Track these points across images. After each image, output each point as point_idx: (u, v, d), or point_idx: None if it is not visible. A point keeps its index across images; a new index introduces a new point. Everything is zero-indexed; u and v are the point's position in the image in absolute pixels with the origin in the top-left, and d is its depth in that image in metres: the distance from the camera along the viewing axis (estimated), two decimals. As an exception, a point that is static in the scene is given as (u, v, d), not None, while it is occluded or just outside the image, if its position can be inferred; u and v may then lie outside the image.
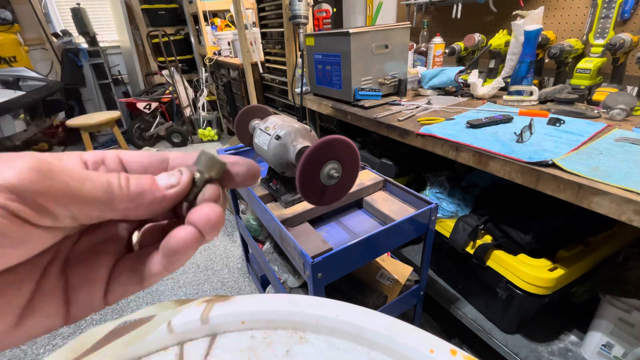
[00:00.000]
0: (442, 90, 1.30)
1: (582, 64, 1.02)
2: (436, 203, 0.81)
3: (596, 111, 0.91)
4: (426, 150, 0.93)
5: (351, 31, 1.11)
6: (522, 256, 0.87)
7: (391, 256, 1.13)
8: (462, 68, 1.23)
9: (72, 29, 3.42)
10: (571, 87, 1.06)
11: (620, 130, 0.81)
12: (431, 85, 1.28)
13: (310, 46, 1.35)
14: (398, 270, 1.03)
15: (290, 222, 0.82)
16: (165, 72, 3.44)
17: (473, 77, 1.17)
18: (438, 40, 1.40)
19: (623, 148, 0.71)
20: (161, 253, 0.19)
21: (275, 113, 0.93)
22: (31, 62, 3.19)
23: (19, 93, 2.43)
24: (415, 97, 1.29)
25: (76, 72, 3.42)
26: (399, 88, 1.28)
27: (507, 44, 1.19)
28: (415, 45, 1.55)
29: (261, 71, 2.19)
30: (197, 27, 3.60)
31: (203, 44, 3.44)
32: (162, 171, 0.21)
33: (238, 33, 2.13)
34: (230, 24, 3.17)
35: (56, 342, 1.37)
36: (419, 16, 1.61)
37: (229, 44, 2.86)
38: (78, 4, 3.30)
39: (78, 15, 3.29)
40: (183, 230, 0.19)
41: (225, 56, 2.95)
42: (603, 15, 0.99)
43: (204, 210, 0.19)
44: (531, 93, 1.06)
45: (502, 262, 0.89)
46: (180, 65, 3.52)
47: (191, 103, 3.62)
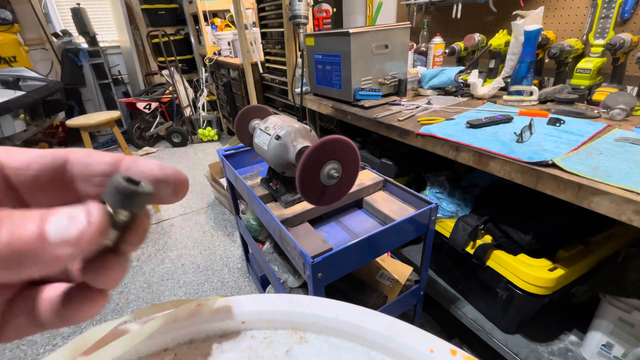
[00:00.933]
0: (442, 90, 1.30)
1: (582, 64, 1.02)
2: (436, 203, 0.81)
3: (596, 111, 0.91)
4: (426, 150, 0.93)
5: (351, 31, 1.11)
6: (522, 256, 0.87)
7: (391, 256, 1.13)
8: (462, 68, 1.23)
9: (72, 29, 3.43)
10: (571, 87, 1.06)
11: (620, 130, 0.81)
12: (431, 85, 1.28)
13: (310, 46, 1.35)
14: (398, 270, 1.03)
15: (290, 222, 0.82)
16: (165, 72, 3.45)
17: (473, 77, 1.17)
18: (438, 40, 1.40)
19: (623, 148, 0.71)
20: (55, 312, 0.16)
21: (275, 113, 0.93)
22: (31, 62, 3.19)
23: (19, 93, 2.43)
24: (415, 97, 1.29)
25: (76, 72, 3.42)
26: (399, 88, 1.28)
27: (507, 44, 1.19)
28: (415, 45, 1.55)
29: (261, 71, 2.19)
30: (197, 27, 3.60)
31: (203, 44, 3.44)
32: (59, 183, 0.16)
33: (238, 33, 2.13)
34: (230, 24, 3.17)
35: (56, 342, 1.37)
36: (419, 16, 1.61)
37: (229, 44, 2.86)
38: (78, 4, 3.30)
39: (78, 15, 3.29)
40: (85, 296, 0.16)
41: (225, 56, 2.95)
42: (603, 15, 0.99)
43: (113, 275, 0.15)
44: (531, 93, 1.06)
45: (502, 262, 0.89)
46: (180, 65, 3.52)
47: (191, 103, 3.62)
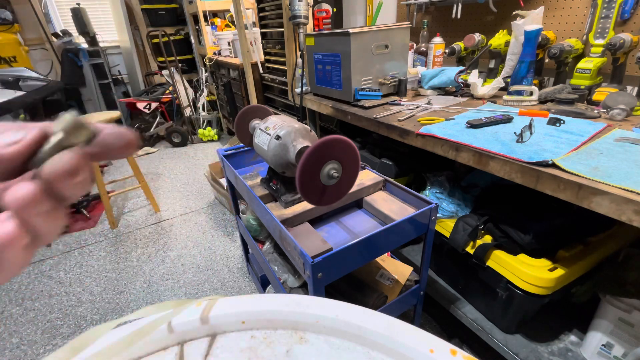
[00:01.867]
0: (442, 90, 1.30)
1: (582, 64, 1.02)
2: (436, 203, 0.81)
3: (596, 111, 0.91)
4: (426, 150, 0.93)
5: (351, 31, 1.11)
6: (522, 256, 0.87)
7: (391, 256, 1.13)
8: (462, 68, 1.23)
9: (72, 29, 3.43)
10: (571, 87, 1.06)
11: (620, 130, 0.81)
12: (431, 85, 1.28)
13: (310, 46, 1.35)
14: (398, 270, 1.03)
15: (290, 222, 0.82)
16: (165, 72, 3.45)
17: (473, 77, 1.17)
18: (438, 40, 1.40)
19: (623, 148, 0.71)
20: None
21: (275, 113, 0.93)
22: (31, 62, 3.18)
23: (19, 93, 2.43)
24: (415, 97, 1.29)
25: (76, 72, 3.42)
26: (399, 88, 1.28)
27: (507, 44, 1.19)
28: (415, 45, 1.55)
29: (261, 71, 2.19)
30: (197, 27, 3.60)
31: (203, 44, 3.44)
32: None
33: (238, 33, 2.13)
34: (230, 24, 3.17)
35: (56, 342, 1.37)
36: (419, 16, 1.61)
37: (229, 44, 2.86)
38: (78, 4, 3.30)
39: (78, 15, 3.29)
40: None
41: (225, 56, 2.95)
42: (603, 15, 0.99)
43: (19, 190, 0.15)
44: (531, 93, 1.06)
45: (502, 262, 0.89)
46: (180, 65, 3.52)
47: (191, 103, 3.62)
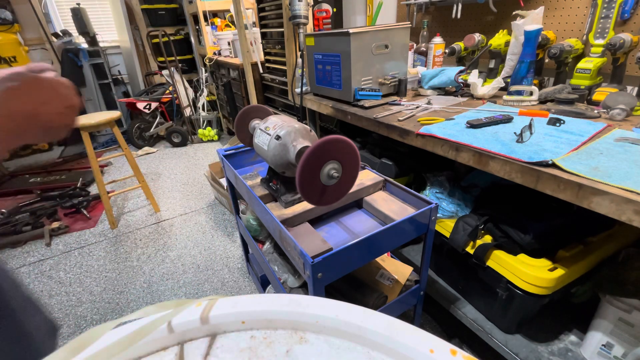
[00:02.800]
0: (442, 90, 1.30)
1: (582, 64, 1.02)
2: (436, 203, 0.81)
3: (596, 111, 0.91)
4: (426, 150, 0.93)
5: (351, 31, 1.11)
6: (522, 256, 0.87)
7: (391, 256, 1.13)
8: (462, 68, 1.23)
9: (72, 29, 3.43)
10: (571, 87, 1.06)
11: (620, 130, 0.81)
12: (431, 85, 1.28)
13: (310, 46, 1.35)
14: (398, 270, 1.03)
15: (290, 222, 0.82)
16: (165, 72, 3.44)
17: (473, 77, 1.17)
18: (438, 40, 1.40)
19: (623, 148, 0.71)
20: None
21: (275, 113, 0.93)
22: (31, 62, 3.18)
23: (19, 93, 2.43)
24: (415, 97, 1.29)
25: (76, 72, 3.42)
26: (399, 88, 1.28)
27: (507, 44, 1.19)
28: (415, 45, 1.55)
29: (261, 71, 2.20)
30: (197, 27, 3.60)
31: (203, 44, 3.44)
32: None
33: (238, 33, 2.13)
34: (230, 24, 3.17)
35: (56, 342, 1.37)
36: (419, 16, 1.61)
37: (229, 44, 2.86)
38: (78, 4, 3.30)
39: (78, 15, 3.29)
40: None
41: (225, 56, 2.95)
42: (603, 15, 0.99)
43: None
44: (531, 93, 1.06)
45: (502, 262, 0.89)
46: (180, 65, 3.52)
47: (191, 103, 3.62)
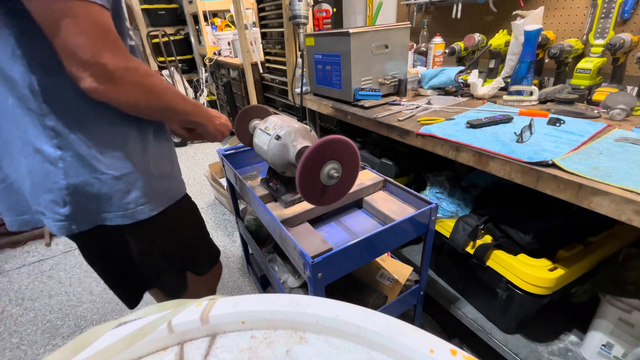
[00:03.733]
0: (442, 90, 1.30)
1: (582, 64, 1.02)
2: (436, 203, 0.81)
3: (596, 111, 0.91)
4: (426, 150, 0.93)
5: (351, 31, 1.11)
6: (522, 256, 0.87)
7: (391, 256, 1.13)
8: (462, 68, 1.23)
9: (72, 29, 3.42)
10: (571, 87, 1.06)
11: (620, 130, 0.81)
12: (431, 85, 1.28)
13: (310, 46, 1.35)
14: (398, 270, 1.03)
15: (290, 222, 0.82)
16: (165, 72, 3.44)
17: (473, 77, 1.17)
18: (438, 40, 1.40)
19: (623, 148, 0.71)
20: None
21: (275, 113, 0.93)
22: (31, 62, 3.18)
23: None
24: (415, 97, 1.29)
25: (76, 72, 3.42)
26: (399, 88, 1.28)
27: (507, 44, 1.19)
28: (415, 45, 1.55)
29: (261, 71, 2.20)
30: (197, 27, 3.60)
31: (203, 44, 3.45)
32: None
33: (238, 33, 2.13)
34: (230, 24, 3.17)
35: (56, 342, 1.38)
36: (419, 16, 1.61)
37: (229, 44, 2.86)
38: (78, 4, 3.30)
39: (78, 15, 3.28)
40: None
41: (225, 56, 2.95)
42: (603, 15, 0.99)
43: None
44: (531, 93, 1.06)
45: (502, 262, 0.89)
46: (180, 65, 3.52)
47: (191, 103, 3.61)
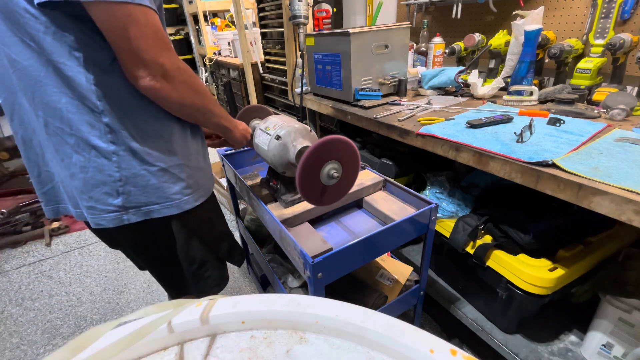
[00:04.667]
0: (442, 90, 1.30)
1: (582, 64, 1.02)
2: (436, 203, 0.81)
3: (596, 111, 0.91)
4: (426, 150, 0.93)
5: (351, 31, 1.11)
6: (522, 256, 0.87)
7: (391, 256, 1.13)
8: (462, 68, 1.23)
9: (72, 29, 3.42)
10: (571, 87, 1.06)
11: (620, 130, 0.81)
12: (431, 85, 1.28)
13: (310, 46, 1.35)
14: (398, 270, 1.03)
15: (290, 222, 0.82)
16: (165, 72, 3.43)
17: (473, 77, 1.17)
18: (438, 40, 1.40)
19: (623, 148, 0.71)
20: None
21: (275, 113, 0.93)
22: (31, 62, 3.17)
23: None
24: (415, 97, 1.29)
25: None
26: (399, 88, 1.28)
27: (507, 44, 1.19)
28: (415, 45, 1.55)
29: (261, 71, 2.19)
30: (197, 27, 3.60)
31: (203, 44, 3.44)
32: None
33: (238, 33, 2.13)
34: (230, 24, 3.17)
35: (56, 342, 1.38)
36: (419, 16, 1.61)
37: (229, 44, 2.86)
38: (78, 4, 3.30)
39: (78, 15, 3.28)
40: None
41: (225, 56, 2.95)
42: (603, 15, 0.99)
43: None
44: (531, 93, 1.06)
45: (502, 262, 0.89)
46: (180, 65, 3.51)
47: (191, 103, 3.61)
